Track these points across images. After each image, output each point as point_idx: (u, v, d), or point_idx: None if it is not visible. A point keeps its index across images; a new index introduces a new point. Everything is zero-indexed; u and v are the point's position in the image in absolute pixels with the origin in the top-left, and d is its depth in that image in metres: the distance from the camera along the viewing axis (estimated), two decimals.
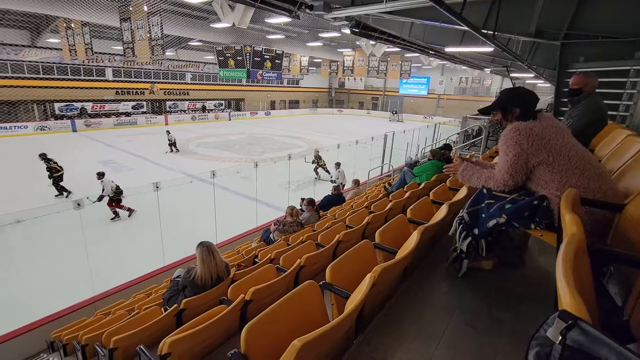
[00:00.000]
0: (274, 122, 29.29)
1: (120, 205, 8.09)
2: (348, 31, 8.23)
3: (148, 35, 10.98)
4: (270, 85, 33.52)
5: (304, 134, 23.36)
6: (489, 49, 8.07)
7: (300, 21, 10.87)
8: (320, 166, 12.08)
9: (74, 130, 20.36)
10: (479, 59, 12.35)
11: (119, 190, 8.00)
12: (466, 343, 1.44)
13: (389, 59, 20.88)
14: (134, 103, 24.56)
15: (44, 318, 4.40)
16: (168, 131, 15.91)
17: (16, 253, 6.54)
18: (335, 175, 10.73)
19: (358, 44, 18.49)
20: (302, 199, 5.55)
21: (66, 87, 21.04)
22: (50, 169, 9.16)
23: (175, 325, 2.32)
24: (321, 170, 12.13)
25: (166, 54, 13.08)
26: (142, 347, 1.83)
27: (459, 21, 3.86)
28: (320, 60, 24.54)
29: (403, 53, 18.97)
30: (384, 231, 2.05)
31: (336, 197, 6.87)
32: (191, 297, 2.40)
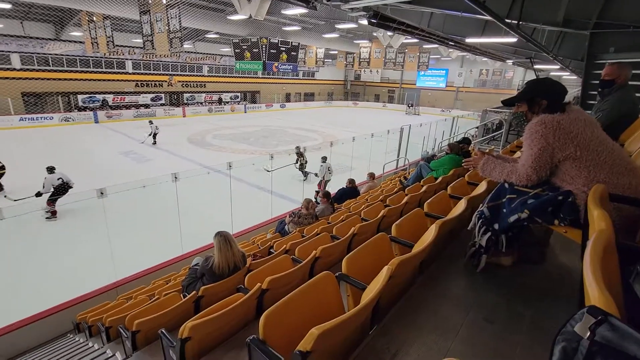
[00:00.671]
0: (289, 115, 29.33)
1: (50, 202, 7.54)
2: (365, 22, 8.09)
3: (167, 27, 11.15)
4: (286, 78, 33.48)
5: (318, 126, 23.33)
6: (512, 40, 7.78)
7: (317, 12, 10.75)
8: (301, 164, 10.76)
9: (95, 122, 21.01)
10: (500, 50, 11.92)
11: (63, 189, 7.66)
12: (483, 338, 1.42)
13: (406, 51, 20.46)
14: (152, 95, 25.08)
15: (70, 300, 4.63)
16: (151, 121, 15.86)
17: (47, 239, 6.89)
18: (319, 170, 9.75)
19: (375, 35, 18.20)
20: (317, 192, 5.57)
21: (89, 80, 21.68)
22: None
23: (193, 312, 2.39)
24: (301, 169, 10.80)
25: (184, 46, 13.23)
26: (164, 331, 1.91)
27: (482, 10, 3.74)
28: (336, 52, 24.31)
29: (421, 44, 18.54)
30: (400, 224, 2.04)
31: (351, 190, 6.86)
32: (209, 285, 2.47)
